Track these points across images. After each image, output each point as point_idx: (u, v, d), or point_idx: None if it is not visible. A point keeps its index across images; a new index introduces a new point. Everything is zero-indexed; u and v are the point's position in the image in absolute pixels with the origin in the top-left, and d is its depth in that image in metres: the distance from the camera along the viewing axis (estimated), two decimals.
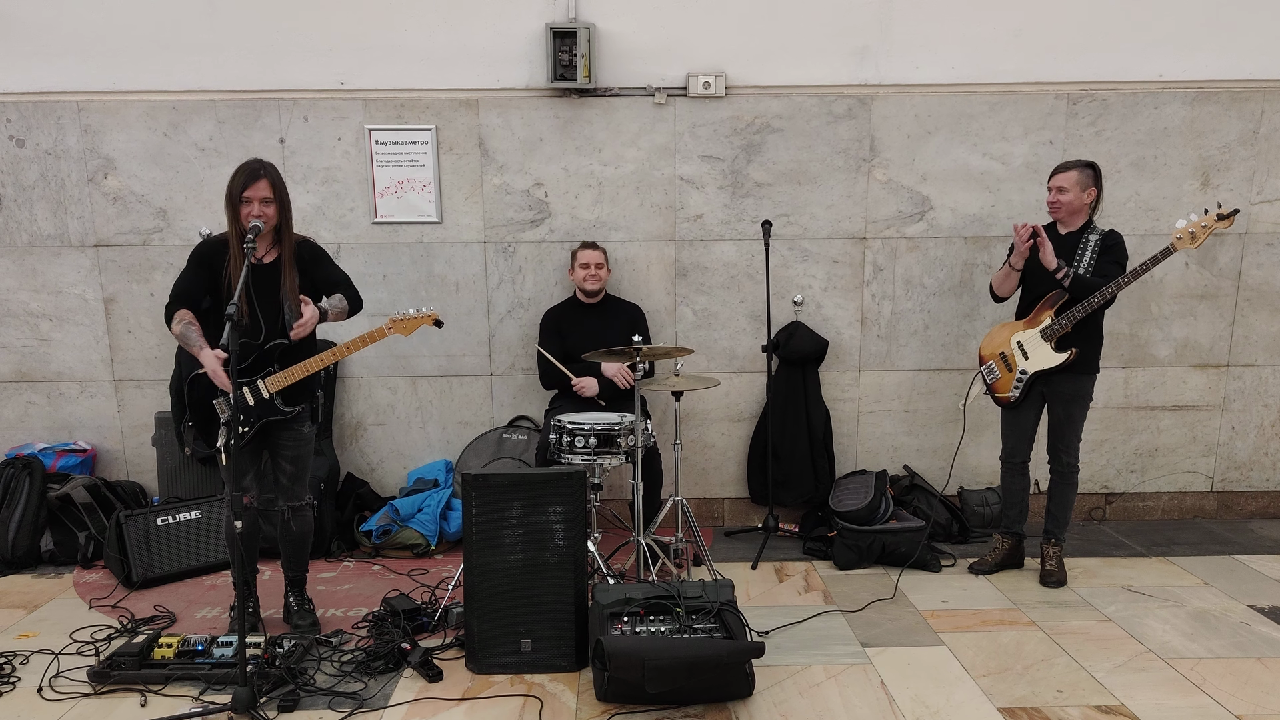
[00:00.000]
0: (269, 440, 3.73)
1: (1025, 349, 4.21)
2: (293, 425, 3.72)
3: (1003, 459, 4.46)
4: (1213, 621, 3.89)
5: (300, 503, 3.82)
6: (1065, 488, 4.33)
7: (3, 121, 4.82)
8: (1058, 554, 4.37)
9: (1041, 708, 3.19)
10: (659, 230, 5.01)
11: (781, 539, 4.98)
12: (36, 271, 4.96)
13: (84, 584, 4.44)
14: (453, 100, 4.87)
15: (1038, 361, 4.17)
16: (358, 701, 3.23)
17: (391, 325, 3.67)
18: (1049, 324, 4.12)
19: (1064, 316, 4.06)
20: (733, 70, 4.86)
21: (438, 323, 3.74)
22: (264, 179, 3.47)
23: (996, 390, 4.34)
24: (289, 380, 3.59)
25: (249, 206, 3.45)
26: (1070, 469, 4.30)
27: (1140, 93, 4.88)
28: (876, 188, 4.98)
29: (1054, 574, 4.31)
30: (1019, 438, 4.37)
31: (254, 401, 3.59)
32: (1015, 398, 4.25)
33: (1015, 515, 4.48)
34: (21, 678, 3.46)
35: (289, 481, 3.78)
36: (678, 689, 3.11)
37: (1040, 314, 4.18)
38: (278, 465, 3.77)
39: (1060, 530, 4.38)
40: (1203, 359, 5.15)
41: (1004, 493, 4.52)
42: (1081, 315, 4.03)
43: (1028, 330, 4.21)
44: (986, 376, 4.38)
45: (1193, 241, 3.92)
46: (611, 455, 4.04)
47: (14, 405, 5.09)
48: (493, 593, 3.46)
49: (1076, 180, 4.08)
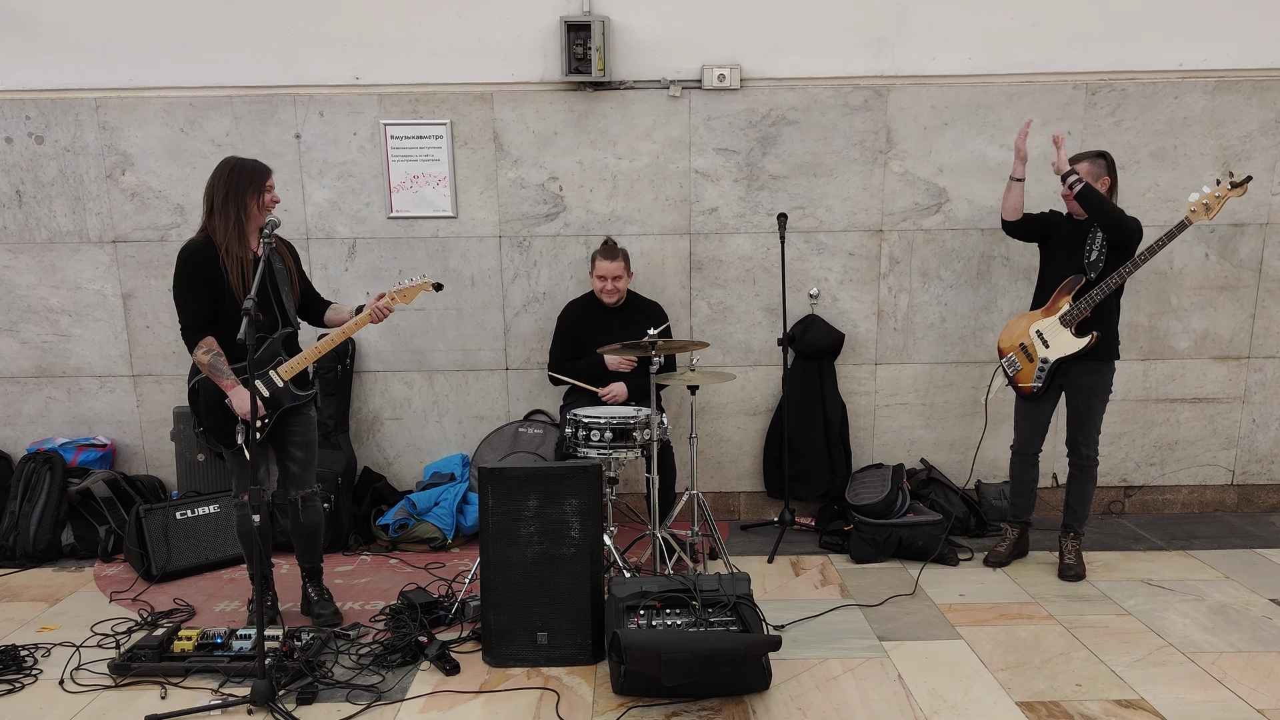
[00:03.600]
0: (278, 431, 3.74)
1: (1045, 337, 4.18)
2: (302, 410, 3.76)
3: (1015, 449, 4.44)
4: (1234, 615, 3.86)
5: (310, 490, 3.84)
6: (1085, 481, 4.30)
7: (22, 119, 4.85)
8: (1076, 547, 4.35)
9: (1060, 702, 3.17)
10: (674, 224, 5.01)
11: (797, 533, 4.97)
12: (56, 267, 5.00)
13: (104, 577, 4.48)
14: (467, 94, 4.87)
15: (1059, 348, 4.13)
16: (375, 694, 3.25)
17: (393, 296, 3.68)
18: (1067, 309, 4.09)
19: (1082, 301, 4.03)
20: (748, 62, 4.84)
21: (437, 286, 3.75)
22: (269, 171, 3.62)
23: (1019, 381, 4.30)
24: (301, 365, 3.64)
25: (271, 193, 3.59)
26: (1090, 462, 4.27)
27: (1160, 82, 4.83)
28: (893, 180, 4.95)
29: (1072, 567, 4.29)
30: (1034, 429, 4.35)
31: (269, 393, 3.63)
32: (1038, 387, 4.22)
33: (1024, 505, 4.48)
34: (43, 670, 3.49)
35: (299, 469, 3.81)
36: (694, 682, 3.11)
37: (1058, 301, 4.15)
38: (287, 454, 3.79)
39: (1079, 524, 4.35)
40: (1223, 351, 5.10)
41: (1014, 483, 4.50)
42: (1100, 298, 4.00)
43: (1046, 318, 4.18)
44: (1008, 369, 4.34)
45: (1207, 213, 3.88)
46: (627, 449, 4.04)
47: (35, 400, 5.13)
48: (509, 586, 3.47)
49: (1089, 170, 4.04)
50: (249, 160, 3.59)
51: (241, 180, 3.52)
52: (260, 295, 3.46)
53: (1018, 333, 4.29)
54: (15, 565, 4.63)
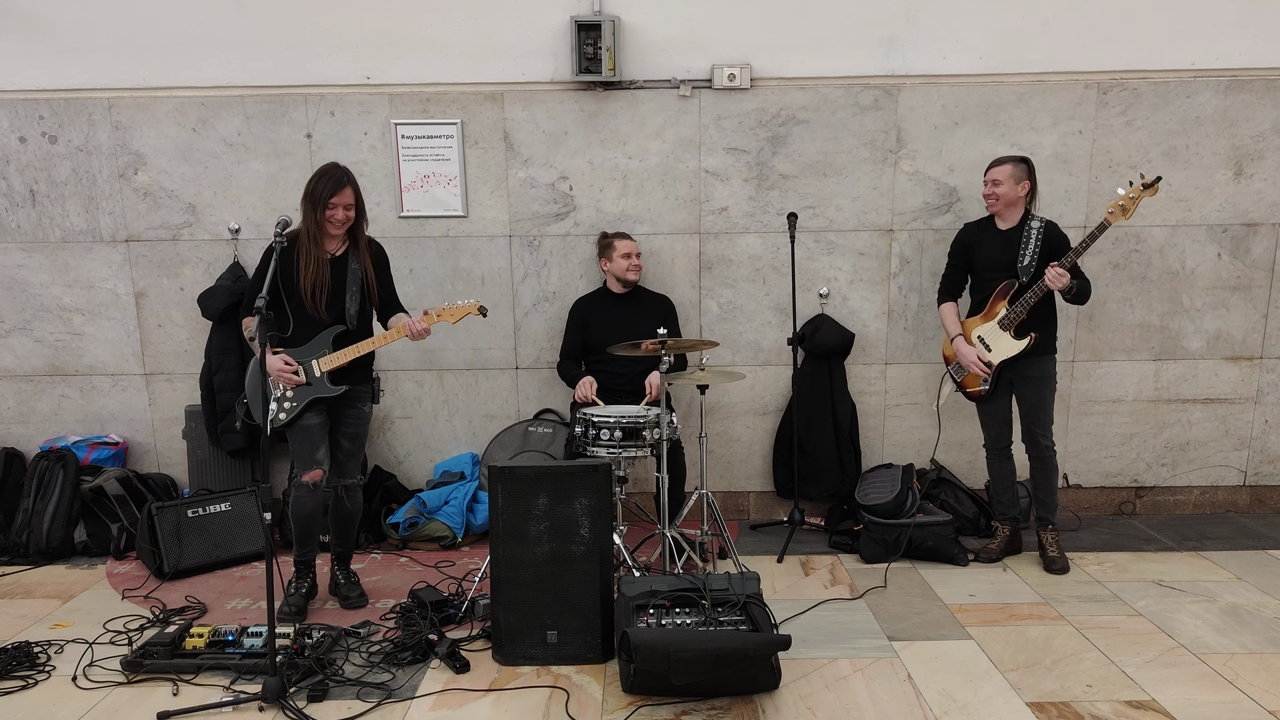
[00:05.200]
0: (332, 417, 3.96)
1: (986, 341, 4.34)
2: (355, 404, 3.98)
3: (987, 447, 4.57)
4: (1245, 617, 3.84)
5: (353, 480, 4.05)
6: (1048, 471, 4.40)
7: (35, 119, 4.88)
8: (1056, 539, 4.42)
9: (1071, 702, 3.16)
10: (684, 223, 5.01)
11: (807, 532, 4.96)
12: (69, 266, 5.02)
13: (116, 575, 4.51)
14: (478, 94, 4.88)
15: (1000, 351, 4.29)
16: (386, 692, 3.26)
17: (440, 312, 3.89)
18: (1004, 313, 4.25)
19: (1018, 305, 4.20)
20: (758, 62, 4.84)
21: (483, 311, 3.93)
22: (348, 186, 3.77)
23: (967, 386, 4.49)
24: (339, 361, 3.83)
25: (333, 211, 3.74)
26: (1049, 450, 4.36)
27: (1172, 81, 4.81)
28: (903, 179, 4.94)
29: (1057, 560, 4.35)
30: (999, 424, 4.49)
31: (306, 380, 3.82)
32: (985, 390, 4.38)
33: (1009, 500, 4.56)
34: (56, 667, 3.51)
35: (345, 458, 4.02)
36: (704, 681, 3.11)
37: (994, 306, 4.31)
38: (336, 443, 4.00)
39: (1052, 514, 4.44)
40: (1235, 351, 5.08)
41: (994, 479, 4.62)
42: (1034, 300, 4.15)
43: (985, 323, 4.34)
44: (955, 375, 4.55)
45: (1124, 214, 4.07)
46: (637, 448, 4.04)
47: (48, 399, 5.16)
48: (519, 584, 3.48)
49: (1010, 174, 4.23)
50: (329, 170, 3.76)
51: (316, 189, 3.73)
52: (272, 294, 3.54)
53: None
54: (28, 562, 4.65)
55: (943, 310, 4.54)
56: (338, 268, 3.86)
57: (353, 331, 3.89)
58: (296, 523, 3.98)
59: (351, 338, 3.88)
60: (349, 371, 3.89)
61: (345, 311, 3.86)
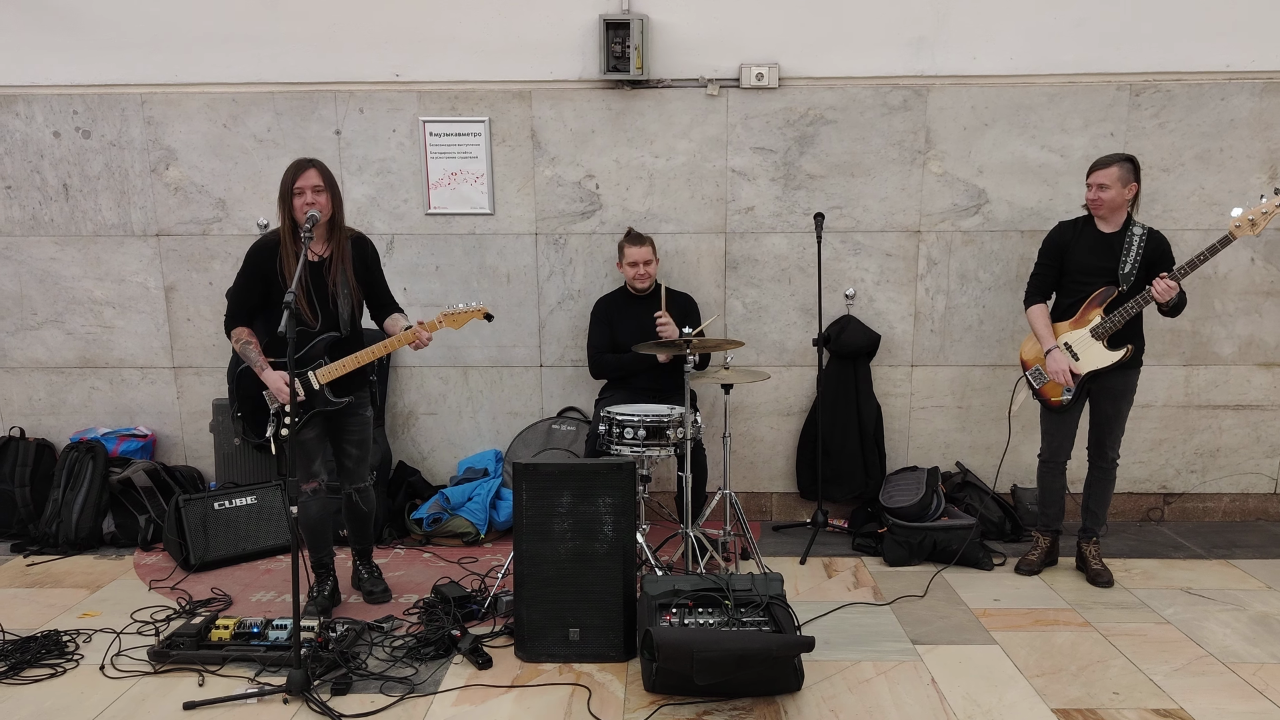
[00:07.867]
0: (332, 427, 3.87)
1: (1074, 350, 4.10)
2: (357, 411, 3.88)
3: (1044, 459, 4.35)
4: (1275, 626, 3.79)
5: (364, 484, 4.00)
6: (1107, 484, 4.27)
7: (69, 114, 4.94)
8: (1099, 552, 4.33)
9: (1097, 710, 3.13)
10: (710, 222, 5.00)
11: (830, 534, 4.94)
12: (101, 260, 5.08)
13: (144, 566, 4.55)
14: (506, 92, 4.89)
15: (1090, 361, 4.06)
16: (409, 686, 3.27)
17: (442, 319, 3.78)
18: (1099, 322, 4.02)
19: (1116, 314, 3.96)
20: (786, 61, 4.82)
21: (488, 316, 3.84)
22: (312, 168, 3.60)
23: (1046, 394, 4.21)
24: (339, 372, 3.71)
25: (301, 197, 3.57)
26: (1114, 464, 4.24)
27: (1206, 83, 4.76)
28: (931, 180, 4.91)
29: (1102, 574, 4.24)
30: (1065, 437, 4.26)
31: (304, 394, 3.70)
32: (1067, 399, 4.15)
33: (1055, 514, 4.40)
34: (85, 655, 3.55)
35: (354, 465, 3.95)
36: (726, 681, 3.10)
37: (1088, 313, 4.06)
38: (343, 451, 3.92)
39: (1099, 528, 4.33)
40: (1268, 357, 5.01)
41: (1043, 492, 4.40)
42: (1135, 311, 3.95)
43: (1075, 330, 4.10)
44: (1033, 381, 4.25)
45: (1253, 229, 3.81)
46: (660, 447, 4.04)
47: (79, 390, 5.22)
48: (542, 581, 3.48)
49: (1118, 176, 3.95)
50: (290, 167, 3.62)
51: (283, 181, 3.61)
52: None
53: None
54: (58, 552, 4.71)
55: (1033, 313, 4.20)
56: (325, 270, 3.70)
57: (347, 338, 3.77)
58: (304, 529, 3.90)
59: (346, 344, 3.76)
60: (348, 381, 3.78)
61: (338, 317, 3.73)
